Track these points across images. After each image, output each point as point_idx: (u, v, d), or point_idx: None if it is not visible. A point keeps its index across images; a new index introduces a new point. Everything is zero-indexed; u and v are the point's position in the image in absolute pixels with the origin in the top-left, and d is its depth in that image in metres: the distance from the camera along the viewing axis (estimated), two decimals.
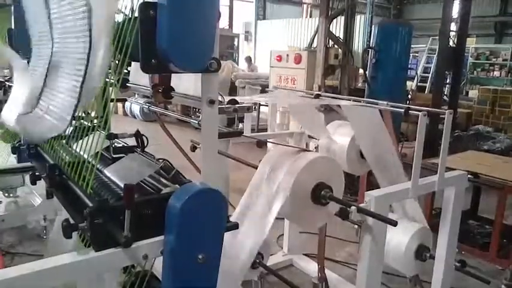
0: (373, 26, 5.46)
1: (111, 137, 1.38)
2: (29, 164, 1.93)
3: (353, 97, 2.20)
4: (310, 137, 2.89)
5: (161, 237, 1.10)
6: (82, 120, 1.54)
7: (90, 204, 1.11)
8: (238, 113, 1.44)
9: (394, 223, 1.53)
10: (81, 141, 1.30)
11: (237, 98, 1.44)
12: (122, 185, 1.23)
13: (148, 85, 1.49)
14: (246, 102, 1.52)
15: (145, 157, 1.31)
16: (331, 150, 2.48)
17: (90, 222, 1.02)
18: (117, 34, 1.10)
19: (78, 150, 1.31)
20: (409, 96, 7.14)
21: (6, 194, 4.16)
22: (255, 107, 1.49)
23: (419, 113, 1.75)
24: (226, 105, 1.31)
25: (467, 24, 7.16)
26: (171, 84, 1.38)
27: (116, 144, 1.45)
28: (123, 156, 1.40)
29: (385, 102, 2.02)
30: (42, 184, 1.95)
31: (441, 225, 2.15)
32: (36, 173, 1.57)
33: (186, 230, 1.07)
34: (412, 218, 2.23)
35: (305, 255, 3.14)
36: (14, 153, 3.21)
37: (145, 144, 1.36)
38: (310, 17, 15.52)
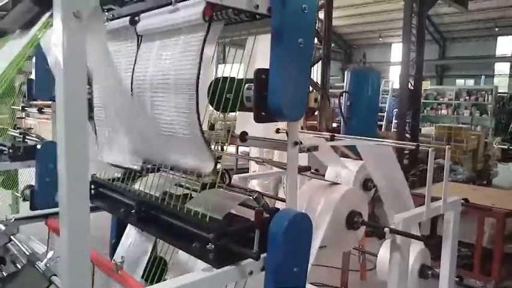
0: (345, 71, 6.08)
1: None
2: None
3: (363, 137, 2.54)
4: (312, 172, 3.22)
5: (263, 255, 1.34)
6: None
7: (196, 231, 1.35)
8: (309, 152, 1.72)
9: (423, 239, 1.85)
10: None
11: None
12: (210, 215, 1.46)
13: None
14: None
15: (230, 190, 1.55)
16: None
17: (215, 244, 1.25)
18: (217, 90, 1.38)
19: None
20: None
21: None
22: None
23: (429, 149, 2.13)
24: (302, 146, 1.60)
25: (422, 68, 8.01)
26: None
27: None
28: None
29: (394, 141, 2.38)
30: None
31: (443, 245, 2.49)
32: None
33: (286, 249, 1.32)
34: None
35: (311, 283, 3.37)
36: (26, 200, 3.26)
37: (230, 180, 1.60)
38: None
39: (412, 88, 7.64)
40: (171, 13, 1.35)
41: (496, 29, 18.05)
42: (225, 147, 1.56)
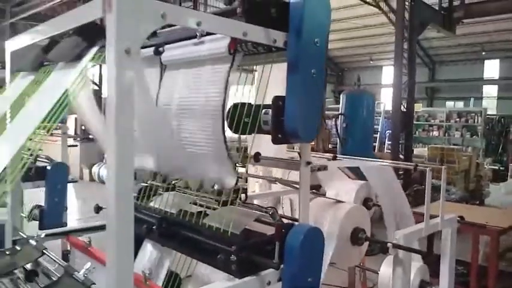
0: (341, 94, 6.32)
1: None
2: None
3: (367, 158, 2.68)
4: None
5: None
6: None
7: (218, 245, 1.46)
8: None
9: (424, 254, 1.97)
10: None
11: None
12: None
13: None
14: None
15: (245, 207, 1.67)
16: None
17: (237, 255, 1.36)
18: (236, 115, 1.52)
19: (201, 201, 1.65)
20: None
21: None
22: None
23: (427, 169, 2.27)
24: (312, 165, 1.73)
25: (414, 91, 8.26)
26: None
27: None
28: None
29: (394, 162, 2.52)
30: None
31: (442, 260, 2.61)
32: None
33: (302, 260, 1.43)
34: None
35: None
36: (34, 219, 3.33)
37: (246, 198, 1.72)
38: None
39: (404, 110, 7.87)
40: (195, 45, 1.49)
41: (483, 53, 18.61)
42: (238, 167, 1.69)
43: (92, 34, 1.20)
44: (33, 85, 1.39)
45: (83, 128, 11.24)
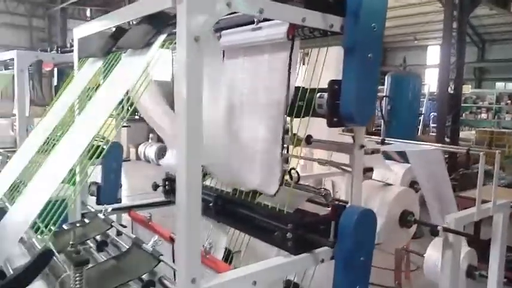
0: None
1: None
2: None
3: (415, 141, 2.66)
4: None
5: None
6: None
7: (275, 223, 1.53)
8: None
9: (474, 237, 1.97)
10: None
11: None
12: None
13: None
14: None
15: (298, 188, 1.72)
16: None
17: (293, 233, 1.43)
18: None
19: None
20: None
21: None
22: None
23: (480, 153, 2.24)
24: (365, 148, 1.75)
25: (462, 73, 7.94)
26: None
27: None
28: None
29: (444, 145, 2.49)
30: None
31: (492, 246, 2.58)
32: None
33: (355, 240, 1.48)
34: None
35: None
36: (92, 195, 3.55)
37: (298, 179, 1.78)
38: (303, 64, 16.45)
39: (451, 92, 7.60)
40: (253, 31, 1.54)
41: None
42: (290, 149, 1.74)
43: (160, 21, 1.27)
44: (104, 71, 1.49)
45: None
